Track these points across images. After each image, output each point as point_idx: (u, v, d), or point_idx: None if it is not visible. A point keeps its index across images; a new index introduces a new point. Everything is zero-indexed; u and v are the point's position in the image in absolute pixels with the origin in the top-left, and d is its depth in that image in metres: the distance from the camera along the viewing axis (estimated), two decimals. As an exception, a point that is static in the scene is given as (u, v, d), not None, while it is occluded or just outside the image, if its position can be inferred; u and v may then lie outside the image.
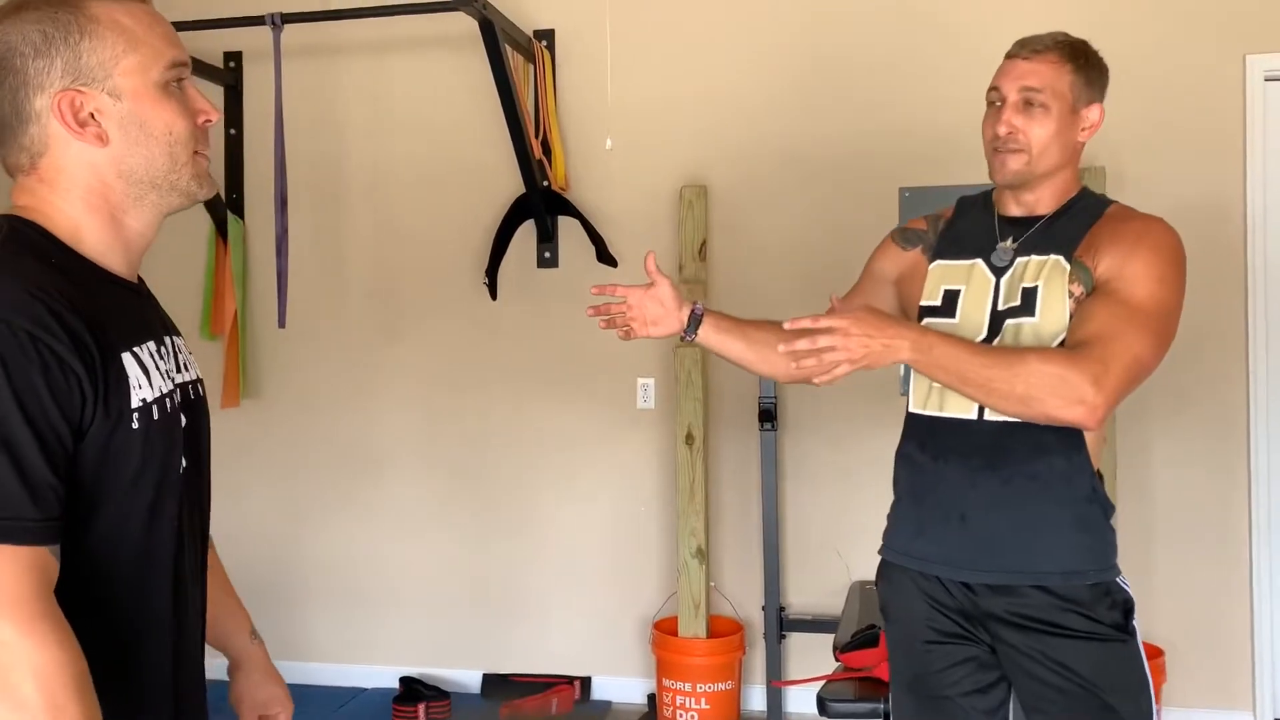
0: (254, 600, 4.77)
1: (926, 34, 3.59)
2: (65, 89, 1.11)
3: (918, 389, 1.87)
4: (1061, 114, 1.79)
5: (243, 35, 3.80)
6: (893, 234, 2.03)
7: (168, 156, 1.17)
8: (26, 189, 1.16)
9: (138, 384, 1.11)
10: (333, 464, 4.04)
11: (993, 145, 1.82)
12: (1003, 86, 1.81)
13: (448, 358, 3.96)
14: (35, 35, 1.10)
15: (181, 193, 1.20)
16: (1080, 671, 1.73)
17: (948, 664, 1.83)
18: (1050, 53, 1.79)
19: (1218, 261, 3.40)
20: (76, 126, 1.12)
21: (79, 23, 1.11)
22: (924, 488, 1.86)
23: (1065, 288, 1.75)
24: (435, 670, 3.94)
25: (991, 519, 1.78)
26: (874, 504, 1.72)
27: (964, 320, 1.82)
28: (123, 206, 1.17)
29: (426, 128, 3.95)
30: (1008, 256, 1.82)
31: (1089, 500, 1.78)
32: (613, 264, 3.72)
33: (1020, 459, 1.77)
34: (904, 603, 1.89)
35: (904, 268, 1.96)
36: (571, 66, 3.83)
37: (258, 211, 4.01)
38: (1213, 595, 3.47)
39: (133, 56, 1.13)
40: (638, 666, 3.83)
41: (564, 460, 3.89)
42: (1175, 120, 3.45)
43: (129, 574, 1.13)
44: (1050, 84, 1.78)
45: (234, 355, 3.98)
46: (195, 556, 1.25)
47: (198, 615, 1.27)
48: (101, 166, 1.15)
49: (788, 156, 3.70)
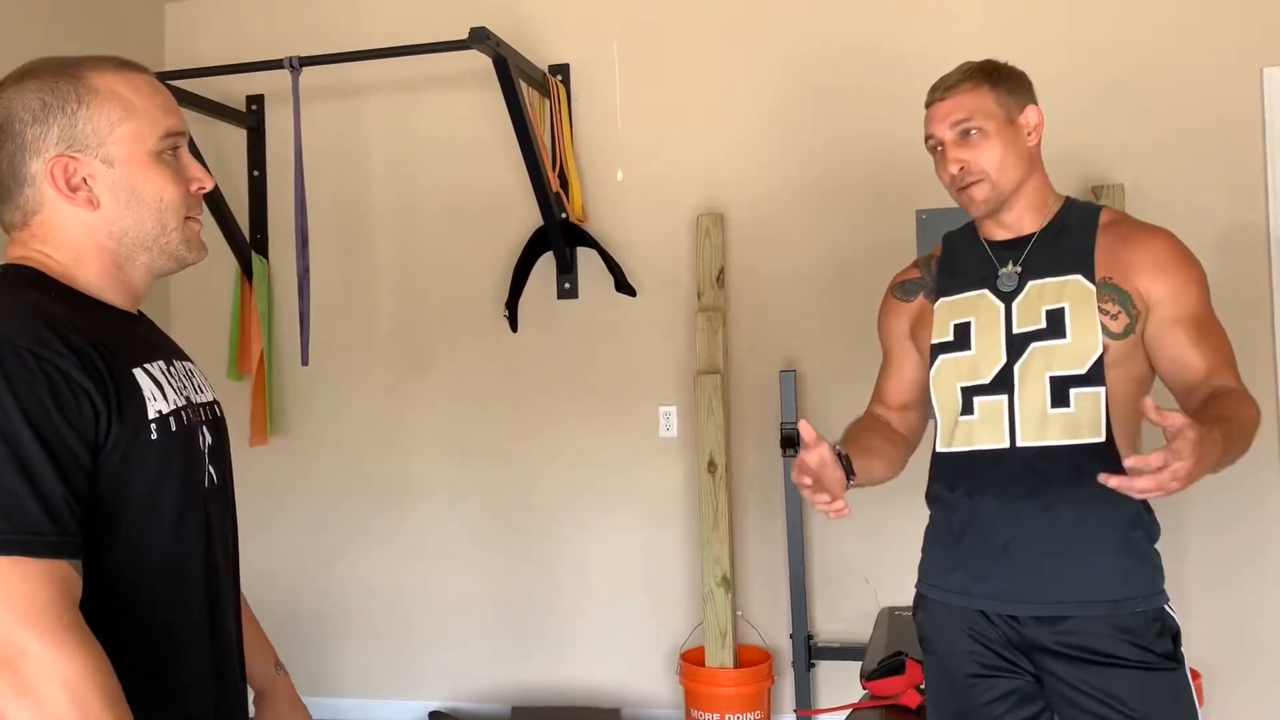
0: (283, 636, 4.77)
1: (940, 58, 3.58)
2: (59, 155, 1.16)
3: (943, 427, 1.85)
4: (1000, 130, 1.80)
5: (264, 79, 3.88)
6: (891, 290, 2.03)
7: (157, 221, 1.21)
8: (20, 243, 1.21)
9: (152, 396, 1.14)
10: (360, 498, 4.07)
11: (954, 186, 1.84)
12: (936, 132, 1.84)
13: (472, 390, 3.98)
14: (35, 103, 1.16)
15: (171, 256, 1.24)
16: (1130, 703, 1.70)
17: (992, 698, 1.80)
18: (963, 83, 1.83)
19: (1240, 275, 3.36)
20: (68, 191, 1.17)
21: (78, 92, 1.17)
22: (961, 525, 1.83)
23: (1095, 308, 1.74)
24: (465, 704, 3.93)
25: (1035, 548, 1.76)
26: (900, 528, 1.71)
27: (979, 350, 1.81)
28: (116, 263, 1.21)
29: (446, 163, 3.99)
30: (1013, 281, 1.81)
31: (1133, 524, 1.76)
32: (631, 293, 3.74)
33: (1060, 484, 1.74)
34: (945, 636, 1.85)
35: (913, 319, 1.95)
36: (587, 99, 3.87)
37: (282, 251, 4.06)
38: (1248, 616, 3.40)
39: (129, 124, 1.18)
40: (667, 697, 3.81)
41: (588, 490, 3.89)
42: (1194, 134, 3.43)
43: (160, 586, 1.15)
44: (976, 109, 1.80)
45: (261, 393, 4.02)
46: (230, 572, 1.28)
47: (236, 629, 1.29)
48: (94, 228, 1.19)
49: (803, 181, 3.71)
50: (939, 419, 1.86)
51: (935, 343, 1.87)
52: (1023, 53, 1.93)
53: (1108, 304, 1.74)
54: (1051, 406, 1.75)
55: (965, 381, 1.82)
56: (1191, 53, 3.44)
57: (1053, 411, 1.75)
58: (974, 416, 1.81)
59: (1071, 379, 1.74)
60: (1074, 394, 1.74)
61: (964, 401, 1.82)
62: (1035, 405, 1.76)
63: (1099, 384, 1.73)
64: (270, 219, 4.12)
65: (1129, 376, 1.75)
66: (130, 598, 1.12)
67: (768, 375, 3.70)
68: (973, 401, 1.81)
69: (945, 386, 1.85)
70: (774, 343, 3.74)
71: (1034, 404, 1.76)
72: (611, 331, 3.87)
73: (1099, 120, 3.42)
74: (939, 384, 1.86)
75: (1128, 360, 1.75)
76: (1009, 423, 1.78)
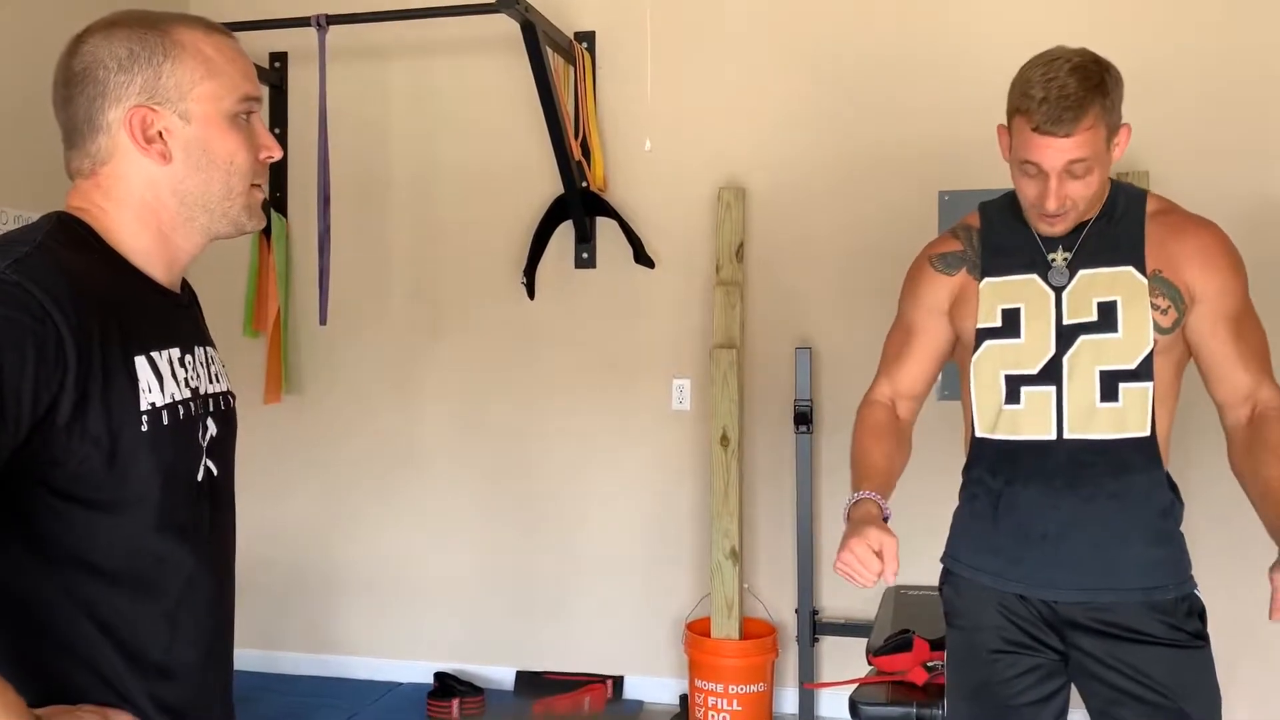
0: (291, 593, 4.83)
1: (967, 38, 3.57)
2: (139, 105, 1.16)
3: (984, 412, 1.84)
4: (1102, 163, 1.72)
5: (288, 36, 3.86)
6: (930, 260, 1.93)
7: (224, 184, 1.21)
8: (82, 193, 1.20)
9: (147, 388, 1.13)
10: (372, 460, 4.09)
11: (1037, 209, 1.75)
12: (1042, 164, 1.68)
13: (486, 356, 3.99)
14: (122, 51, 1.16)
15: (231, 221, 1.23)
16: (1157, 678, 1.73)
17: (1014, 673, 1.82)
18: (1084, 119, 1.64)
19: (1267, 262, 3.34)
20: (143, 142, 1.17)
21: (164, 45, 1.17)
22: (1001, 510, 1.83)
23: (1147, 303, 1.74)
24: (469, 666, 3.97)
25: (1073, 538, 1.77)
26: (909, 508, 1.71)
27: (1029, 338, 1.79)
28: (172, 225, 1.21)
29: (468, 128, 3.98)
30: (1064, 273, 1.79)
31: (1165, 514, 1.78)
32: (650, 265, 3.74)
33: (1103, 477, 1.76)
34: (974, 610, 1.86)
35: (954, 294, 1.88)
36: (611, 68, 3.85)
37: (301, 210, 4.07)
38: (1260, 604, 3.40)
39: (209, 84, 1.19)
40: (670, 667, 3.84)
41: (599, 460, 3.90)
42: (1219, 121, 3.40)
43: (131, 575, 1.13)
44: (1093, 149, 1.67)
45: (276, 352, 4.04)
46: (221, 564, 1.25)
47: (219, 624, 1.25)
48: (159, 183, 1.19)
49: (827, 159, 3.70)
50: (977, 404, 1.84)
51: (981, 327, 1.83)
52: (1046, 36, 1.91)
53: (1158, 298, 1.74)
54: (1101, 401, 1.75)
55: (1011, 370, 1.80)
56: (1216, 38, 3.41)
57: (1101, 406, 1.75)
58: (1019, 406, 1.80)
59: (1121, 374, 1.74)
60: (1123, 389, 1.75)
61: (1009, 390, 1.81)
62: (1084, 399, 1.76)
63: (1148, 379, 1.74)
64: (290, 178, 4.12)
65: (1170, 363, 1.78)
66: (99, 585, 1.10)
67: (783, 352, 3.71)
68: (1019, 391, 1.80)
69: (988, 371, 1.82)
70: (790, 319, 3.74)
71: (1083, 397, 1.76)
72: (628, 303, 3.87)
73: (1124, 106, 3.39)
74: (981, 368, 1.83)
75: (1171, 349, 1.77)
76: (1056, 415, 1.78)
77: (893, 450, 1.86)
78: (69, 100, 1.18)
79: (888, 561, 1.59)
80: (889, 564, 1.59)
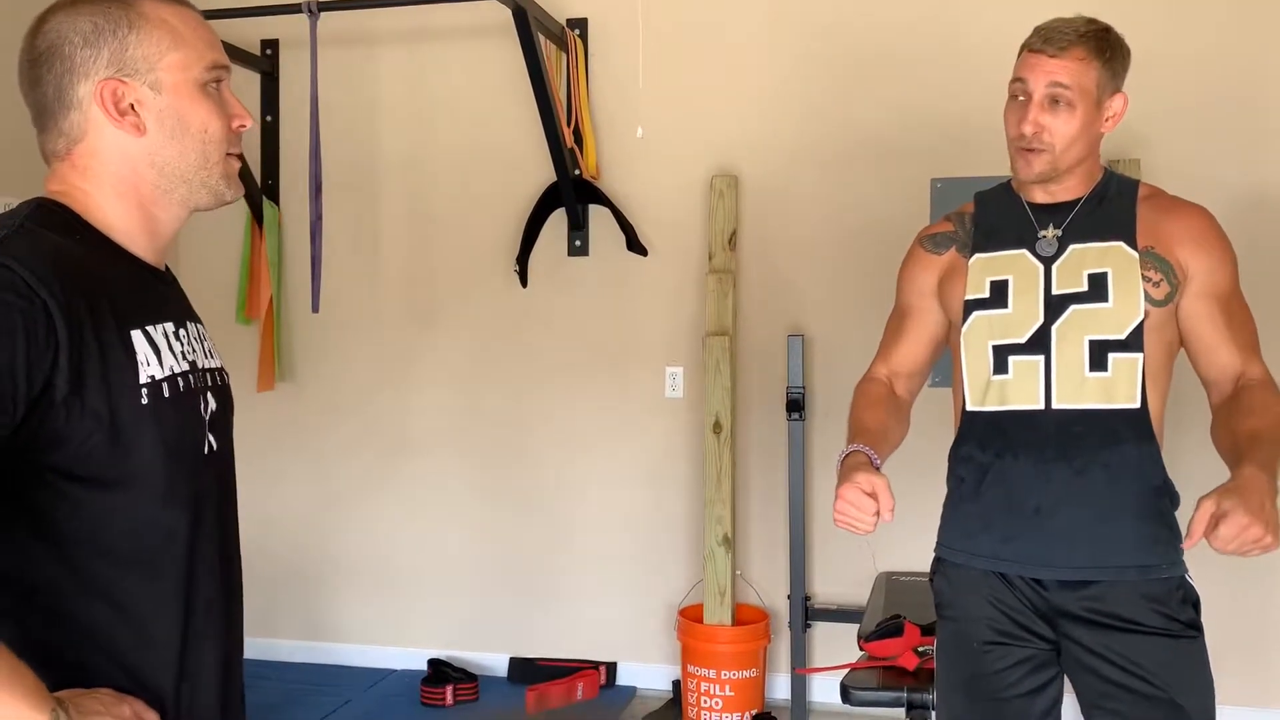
0: (285, 581, 4.82)
1: (959, 25, 3.57)
2: (108, 78, 1.16)
3: (973, 385, 1.84)
4: (1086, 110, 1.75)
5: (279, 23, 3.85)
6: (920, 242, 1.97)
7: (200, 153, 1.21)
8: (59, 176, 1.20)
9: (145, 360, 1.13)
10: (365, 447, 4.09)
11: (1017, 143, 1.79)
12: (1029, 80, 1.76)
13: (480, 344, 3.99)
14: (86, 25, 1.16)
15: (210, 190, 1.23)
16: (1150, 669, 1.72)
17: (1005, 665, 1.81)
18: (1077, 48, 1.73)
19: (1257, 250, 3.35)
20: (116, 115, 1.17)
21: (129, 18, 1.17)
22: (990, 484, 1.82)
23: (1138, 274, 1.75)
24: (463, 653, 3.99)
25: (1066, 511, 1.76)
26: (901, 495, 1.71)
27: (1016, 308, 1.80)
28: (152, 197, 1.21)
29: (460, 116, 3.97)
30: (1053, 245, 1.80)
31: (1159, 492, 1.78)
32: (642, 253, 3.74)
33: (1093, 447, 1.75)
34: (965, 602, 1.85)
35: (943, 273, 1.91)
36: (604, 55, 3.84)
37: (293, 197, 4.06)
38: (1250, 591, 3.43)
39: (176, 54, 1.19)
40: (663, 653, 3.86)
41: (592, 447, 3.91)
42: (1211, 109, 3.41)
43: (141, 552, 1.13)
44: (1077, 81, 1.73)
45: (269, 339, 4.04)
46: (224, 539, 1.25)
47: (223, 599, 1.25)
48: (135, 156, 1.19)
49: (819, 147, 3.70)
50: (967, 377, 1.85)
51: (969, 299, 1.84)
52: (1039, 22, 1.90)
53: (1150, 271, 1.75)
54: (1090, 370, 1.76)
55: (999, 340, 1.81)
56: (1209, 26, 3.41)
57: (1090, 375, 1.76)
58: (1008, 376, 1.80)
59: (1111, 344, 1.75)
60: (1112, 359, 1.75)
61: (997, 360, 1.81)
62: (1072, 368, 1.76)
63: (1138, 350, 1.75)
64: (281, 165, 4.10)
65: (1163, 342, 1.78)
66: (105, 559, 1.11)
67: (775, 339, 3.72)
68: (1007, 361, 1.80)
69: (977, 343, 1.83)
70: (783, 307, 3.75)
71: (1071, 366, 1.76)
72: (621, 290, 3.87)
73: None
74: (970, 340, 1.83)
75: (1163, 327, 1.77)
76: (1044, 384, 1.78)
77: (886, 418, 1.87)
78: (37, 80, 1.18)
79: (882, 500, 1.60)
80: (884, 501, 1.60)
